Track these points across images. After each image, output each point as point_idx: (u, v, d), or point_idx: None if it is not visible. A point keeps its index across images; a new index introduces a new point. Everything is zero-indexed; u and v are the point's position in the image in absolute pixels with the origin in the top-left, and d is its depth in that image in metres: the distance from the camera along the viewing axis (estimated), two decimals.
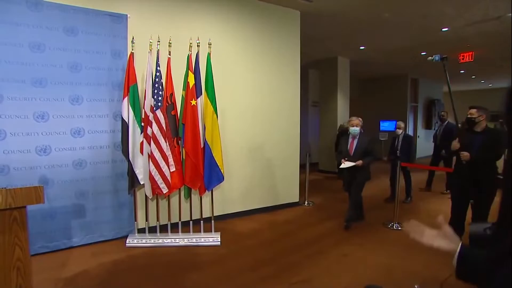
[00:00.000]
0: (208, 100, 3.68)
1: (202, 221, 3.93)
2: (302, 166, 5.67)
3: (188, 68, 3.65)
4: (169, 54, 3.66)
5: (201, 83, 3.71)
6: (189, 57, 3.67)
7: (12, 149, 3.24)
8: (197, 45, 3.69)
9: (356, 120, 4.29)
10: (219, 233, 3.94)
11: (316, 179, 7.82)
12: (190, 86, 3.60)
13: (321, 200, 5.83)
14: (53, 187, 3.44)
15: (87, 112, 3.59)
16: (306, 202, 5.58)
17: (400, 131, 5.71)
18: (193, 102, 3.59)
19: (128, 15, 3.74)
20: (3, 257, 2.06)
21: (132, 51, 3.57)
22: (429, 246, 1.08)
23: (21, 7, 3.22)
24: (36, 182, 3.33)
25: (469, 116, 3.32)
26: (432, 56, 3.34)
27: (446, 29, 6.13)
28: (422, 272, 3.08)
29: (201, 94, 3.69)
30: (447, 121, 6.46)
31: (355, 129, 4.26)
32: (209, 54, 3.73)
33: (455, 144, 3.32)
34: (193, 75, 3.62)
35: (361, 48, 7.75)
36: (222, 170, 3.77)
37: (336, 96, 8.68)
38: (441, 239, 1.07)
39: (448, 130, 6.32)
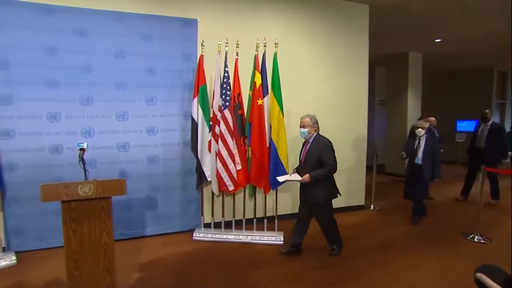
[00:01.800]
0: (275, 99, 3.79)
1: (265, 220, 4.07)
2: (368, 168, 5.50)
3: (255, 68, 3.81)
4: (237, 55, 3.87)
5: (268, 82, 3.85)
6: (255, 57, 3.83)
7: (98, 145, 3.73)
8: (264, 45, 3.84)
9: (305, 119, 3.34)
10: (282, 232, 4.03)
11: (382, 182, 7.50)
12: (257, 86, 3.75)
13: (387, 205, 5.59)
14: (130, 180, 3.85)
15: (161, 111, 3.96)
16: (372, 206, 5.41)
17: (422, 132, 4.46)
18: (260, 102, 3.74)
19: (198, 20, 4.04)
20: (94, 240, 2.41)
21: (202, 53, 3.85)
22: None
23: (109, 20, 3.70)
24: (116, 175, 3.80)
25: None
26: None
27: None
28: None
29: (268, 93, 3.82)
30: (491, 121, 5.64)
31: (302, 131, 3.38)
32: (275, 54, 3.85)
33: None
34: (259, 75, 3.77)
35: (436, 41, 7.22)
36: (287, 170, 3.86)
37: (406, 94, 8.23)
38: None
39: (495, 131, 5.51)
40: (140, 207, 3.98)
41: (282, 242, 3.84)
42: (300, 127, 3.38)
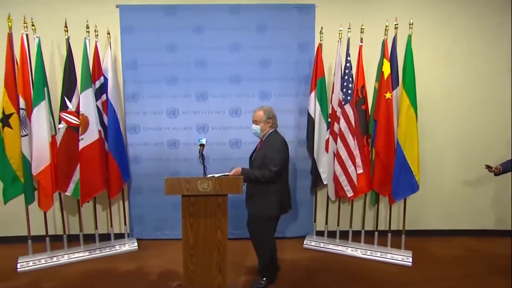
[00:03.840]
0: (405, 91, 3.52)
1: (389, 234, 3.83)
2: None
3: (383, 55, 3.61)
4: (361, 41, 3.70)
5: (398, 72, 3.61)
6: (384, 43, 3.61)
7: (212, 141, 4.01)
8: (395, 27, 3.57)
9: (258, 113, 3.01)
10: (411, 251, 3.74)
11: None
12: (385, 77, 3.54)
13: None
14: None
15: (274, 107, 3.95)
16: None
17: None
18: (388, 95, 3.53)
19: (315, 5, 3.98)
20: (209, 237, 2.61)
21: (320, 42, 3.81)
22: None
23: (224, 13, 3.97)
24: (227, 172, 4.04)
25: None
26: None
27: None
28: None
29: (398, 85, 3.60)
30: None
31: (253, 129, 3.07)
32: (409, 37, 3.54)
33: None
34: (388, 63, 3.56)
35: None
36: (416, 177, 3.54)
37: None
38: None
39: None
40: None
41: (410, 264, 3.55)
42: (252, 123, 3.07)
